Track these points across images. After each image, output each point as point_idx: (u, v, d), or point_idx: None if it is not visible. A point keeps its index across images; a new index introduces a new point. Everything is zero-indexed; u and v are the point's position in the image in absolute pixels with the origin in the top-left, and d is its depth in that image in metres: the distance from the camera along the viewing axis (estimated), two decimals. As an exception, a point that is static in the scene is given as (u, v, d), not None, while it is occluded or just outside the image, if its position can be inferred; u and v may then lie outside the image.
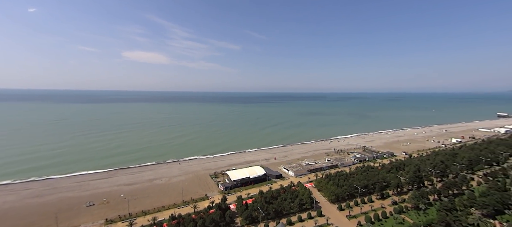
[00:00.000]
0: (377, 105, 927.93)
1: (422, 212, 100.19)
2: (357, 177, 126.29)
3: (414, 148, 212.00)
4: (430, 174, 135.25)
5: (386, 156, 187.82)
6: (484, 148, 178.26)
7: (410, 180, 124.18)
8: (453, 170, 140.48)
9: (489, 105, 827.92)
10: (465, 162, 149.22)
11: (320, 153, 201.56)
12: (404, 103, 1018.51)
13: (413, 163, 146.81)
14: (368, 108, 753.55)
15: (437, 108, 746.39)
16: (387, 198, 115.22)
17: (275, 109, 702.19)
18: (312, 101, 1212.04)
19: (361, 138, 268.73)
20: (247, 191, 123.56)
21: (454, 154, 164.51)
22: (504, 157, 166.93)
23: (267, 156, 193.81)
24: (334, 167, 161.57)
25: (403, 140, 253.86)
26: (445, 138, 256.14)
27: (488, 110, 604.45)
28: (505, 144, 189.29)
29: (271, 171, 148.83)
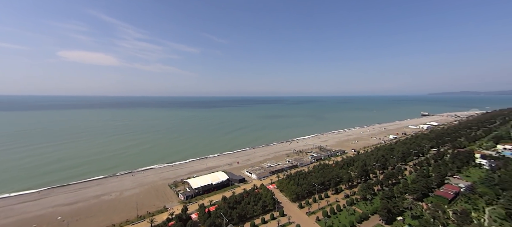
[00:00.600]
0: (330, 107, 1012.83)
1: (369, 202, 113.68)
2: (314, 175, 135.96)
3: (361, 145, 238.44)
4: (374, 168, 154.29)
5: (339, 153, 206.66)
6: (413, 142, 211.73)
7: (359, 174, 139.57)
8: (391, 162, 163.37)
9: (415, 106, 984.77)
10: (400, 155, 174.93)
11: (281, 154, 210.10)
12: (352, 105, 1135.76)
13: (360, 159, 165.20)
14: (323, 110, 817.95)
15: (378, 109, 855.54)
16: (341, 192, 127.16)
17: (238, 113, 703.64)
18: (273, 105, 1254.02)
19: (317, 139, 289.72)
20: (210, 198, 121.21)
21: (391, 149, 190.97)
22: (427, 149, 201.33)
23: (230, 160, 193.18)
24: (294, 167, 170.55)
25: (352, 138, 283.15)
26: (384, 135, 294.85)
27: (414, 110, 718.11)
28: (427, 138, 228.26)
29: (234, 176, 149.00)
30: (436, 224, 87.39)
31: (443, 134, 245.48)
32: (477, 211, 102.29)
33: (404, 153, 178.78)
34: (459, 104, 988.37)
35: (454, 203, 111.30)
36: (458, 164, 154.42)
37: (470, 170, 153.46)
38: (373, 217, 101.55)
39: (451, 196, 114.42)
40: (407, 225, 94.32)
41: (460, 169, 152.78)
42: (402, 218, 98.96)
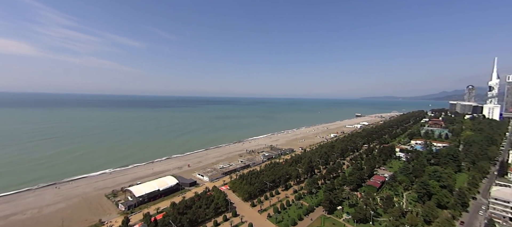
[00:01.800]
0: (280, 108, 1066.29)
1: (314, 195, 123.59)
2: (266, 174, 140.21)
3: (307, 144, 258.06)
4: (318, 163, 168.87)
5: (288, 152, 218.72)
6: (349, 140, 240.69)
7: (306, 171, 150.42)
8: (332, 158, 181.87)
9: (351, 108, 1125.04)
10: (339, 151, 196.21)
11: (234, 155, 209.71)
12: (299, 107, 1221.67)
13: (307, 156, 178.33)
14: (273, 111, 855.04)
15: (321, 110, 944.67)
16: (290, 188, 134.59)
17: (191, 114, 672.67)
18: (227, 105, 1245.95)
19: (269, 138, 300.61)
20: (157, 205, 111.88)
21: (332, 146, 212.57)
22: (360, 145, 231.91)
23: (180, 164, 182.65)
24: (247, 167, 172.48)
25: (300, 137, 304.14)
26: (327, 134, 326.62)
27: (350, 111, 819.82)
28: (360, 136, 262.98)
29: (185, 180, 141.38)
30: (367, 209, 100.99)
31: (372, 132, 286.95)
32: (398, 196, 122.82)
33: (343, 150, 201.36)
34: (384, 107, 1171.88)
35: (381, 190, 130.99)
36: (384, 157, 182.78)
37: (392, 162, 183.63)
38: (318, 208, 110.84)
39: (378, 185, 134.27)
40: (345, 213, 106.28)
41: (385, 161, 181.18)
42: (341, 207, 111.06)
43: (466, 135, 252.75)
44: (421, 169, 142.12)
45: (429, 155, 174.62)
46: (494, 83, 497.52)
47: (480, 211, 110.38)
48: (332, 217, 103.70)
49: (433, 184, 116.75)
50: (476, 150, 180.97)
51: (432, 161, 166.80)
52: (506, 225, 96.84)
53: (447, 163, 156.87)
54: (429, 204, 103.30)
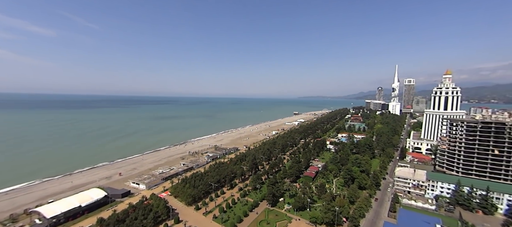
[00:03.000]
0: (224, 108, 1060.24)
1: (258, 191, 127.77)
2: (211, 175, 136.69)
3: (251, 142, 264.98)
4: (262, 160, 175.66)
5: (233, 151, 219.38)
6: (289, 136, 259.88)
7: (250, 168, 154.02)
8: (274, 154, 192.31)
9: (289, 106, 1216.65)
10: (280, 147, 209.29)
11: (175, 158, 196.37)
12: (243, 106, 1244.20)
13: (251, 153, 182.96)
14: (217, 111, 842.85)
15: (264, 109, 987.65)
16: (235, 187, 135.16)
17: (124, 115, 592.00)
18: (166, 105, 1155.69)
19: (213, 138, 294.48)
20: (79, 225, 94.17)
21: (274, 143, 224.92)
22: (298, 140, 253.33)
23: (109, 173, 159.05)
24: (190, 169, 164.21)
25: (244, 136, 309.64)
26: (269, 131, 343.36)
27: (289, 110, 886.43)
28: (298, 132, 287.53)
29: (116, 191, 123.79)
30: (305, 198, 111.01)
31: (308, 128, 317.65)
32: (329, 183, 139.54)
33: (283, 145, 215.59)
34: (316, 105, 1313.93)
35: (316, 179, 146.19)
36: (317, 150, 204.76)
37: (324, 154, 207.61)
38: (262, 203, 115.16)
39: (313, 175, 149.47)
40: (287, 203, 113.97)
41: (318, 153, 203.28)
42: (283, 199, 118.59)
43: (378, 127, 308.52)
44: (346, 158, 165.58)
45: (351, 146, 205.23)
46: (396, 85, 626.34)
47: (388, 188, 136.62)
48: (275, 209, 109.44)
49: (355, 170, 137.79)
50: (385, 139, 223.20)
51: (354, 151, 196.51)
52: (406, 196, 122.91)
53: (364, 151, 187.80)
54: (353, 187, 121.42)
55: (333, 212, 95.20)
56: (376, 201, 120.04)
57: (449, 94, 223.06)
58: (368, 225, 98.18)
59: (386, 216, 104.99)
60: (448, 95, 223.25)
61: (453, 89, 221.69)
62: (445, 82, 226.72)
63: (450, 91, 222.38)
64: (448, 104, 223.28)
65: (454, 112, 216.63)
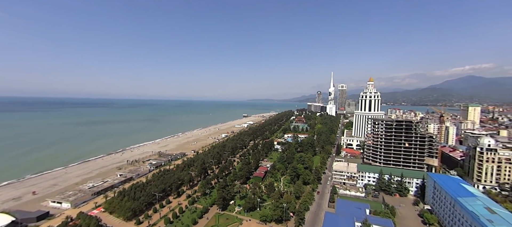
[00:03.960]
0: (169, 111, 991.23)
1: (208, 196, 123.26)
2: (154, 184, 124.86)
3: (200, 146, 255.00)
4: (211, 164, 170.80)
5: (179, 156, 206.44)
6: (239, 138, 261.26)
7: (199, 173, 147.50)
8: (224, 157, 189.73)
9: (239, 109, 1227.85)
10: (230, 150, 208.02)
11: (110, 168, 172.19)
12: (190, 109, 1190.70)
13: (200, 158, 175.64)
14: (161, 114, 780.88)
15: (213, 112, 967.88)
16: (183, 194, 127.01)
17: (44, 121, 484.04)
18: (98, 108, 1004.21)
19: (156, 144, 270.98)
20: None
21: (224, 145, 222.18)
22: (247, 142, 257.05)
23: (18, 193, 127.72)
24: (129, 180, 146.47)
25: (192, 140, 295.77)
26: (218, 135, 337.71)
27: (239, 112, 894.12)
28: (247, 134, 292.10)
29: (28, 214, 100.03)
30: (255, 198, 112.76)
31: (257, 130, 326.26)
32: (277, 181, 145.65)
33: (233, 148, 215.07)
34: (264, 108, 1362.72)
35: (265, 179, 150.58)
36: (266, 151, 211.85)
37: (272, 154, 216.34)
38: (212, 208, 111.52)
39: (263, 174, 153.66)
40: (237, 205, 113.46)
41: (267, 153, 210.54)
42: (234, 201, 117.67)
43: (318, 127, 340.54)
44: (291, 156, 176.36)
45: (296, 145, 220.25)
46: (332, 90, 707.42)
47: (327, 181, 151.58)
48: (226, 213, 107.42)
49: (300, 167, 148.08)
50: (324, 138, 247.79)
51: (298, 149, 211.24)
52: (342, 187, 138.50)
53: (307, 149, 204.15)
54: (298, 183, 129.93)
55: (281, 208, 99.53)
56: (318, 194, 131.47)
57: (372, 98, 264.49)
58: (312, 217, 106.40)
59: (326, 207, 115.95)
60: (371, 99, 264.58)
61: (375, 94, 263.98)
62: (369, 88, 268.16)
63: (373, 95, 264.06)
64: (371, 106, 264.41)
65: (376, 113, 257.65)
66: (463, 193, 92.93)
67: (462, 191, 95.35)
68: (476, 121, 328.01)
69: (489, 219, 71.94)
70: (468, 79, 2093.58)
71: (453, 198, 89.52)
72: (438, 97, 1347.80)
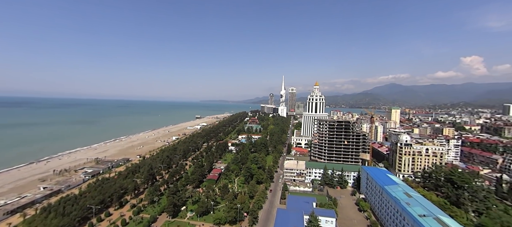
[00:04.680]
0: (108, 112, 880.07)
1: (156, 204, 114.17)
2: (90, 195, 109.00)
3: (146, 150, 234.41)
4: (160, 169, 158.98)
5: (122, 163, 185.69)
6: (191, 141, 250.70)
7: (145, 180, 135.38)
8: (175, 161, 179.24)
9: (191, 110, 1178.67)
10: (181, 153, 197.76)
11: (29, 181, 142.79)
12: (135, 110, 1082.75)
13: (146, 163, 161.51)
14: (98, 116, 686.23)
15: (162, 113, 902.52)
16: (126, 204, 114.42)
17: None
18: (13, 109, 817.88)
19: (93, 150, 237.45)
20: None
21: (174, 149, 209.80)
22: (200, 144, 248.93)
23: None
24: (57, 193, 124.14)
25: (137, 144, 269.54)
26: (168, 137, 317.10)
27: (191, 114, 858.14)
28: (200, 136, 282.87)
29: None
30: (208, 201, 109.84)
31: (210, 132, 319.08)
32: (231, 183, 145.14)
33: (185, 151, 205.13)
34: (218, 109, 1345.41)
35: (219, 181, 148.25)
36: (220, 152, 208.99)
37: (227, 155, 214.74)
38: (161, 216, 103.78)
39: (217, 177, 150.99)
40: (189, 211, 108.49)
41: (221, 155, 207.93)
42: (185, 207, 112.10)
43: (271, 128, 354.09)
44: (245, 157, 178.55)
45: (250, 146, 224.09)
46: (283, 92, 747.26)
47: (279, 179, 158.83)
48: (177, 220, 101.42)
49: (253, 167, 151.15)
50: (276, 138, 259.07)
51: (252, 150, 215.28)
52: (292, 184, 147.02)
53: (261, 149, 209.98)
54: (252, 183, 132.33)
55: (236, 209, 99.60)
56: (271, 192, 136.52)
57: (318, 101, 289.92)
58: (265, 214, 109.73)
59: (278, 204, 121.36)
60: (317, 101, 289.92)
61: (320, 97, 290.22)
62: (315, 92, 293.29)
63: (318, 98, 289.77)
64: (317, 108, 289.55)
65: (321, 114, 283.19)
66: (388, 182, 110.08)
67: (387, 180, 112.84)
68: (397, 121, 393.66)
69: (407, 202, 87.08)
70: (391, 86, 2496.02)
71: (381, 186, 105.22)
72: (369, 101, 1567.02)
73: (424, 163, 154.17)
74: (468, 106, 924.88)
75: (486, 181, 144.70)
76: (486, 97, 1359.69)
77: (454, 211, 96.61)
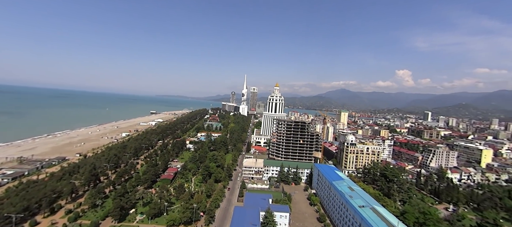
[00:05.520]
0: (39, 102, 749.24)
1: (99, 208, 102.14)
2: (9, 202, 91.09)
3: (89, 148, 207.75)
4: (106, 169, 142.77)
5: (56, 162, 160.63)
6: (144, 138, 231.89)
7: (86, 181, 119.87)
8: (124, 159, 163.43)
9: (145, 105, 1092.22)
10: (132, 151, 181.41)
11: None
12: (75, 101, 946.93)
13: (88, 163, 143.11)
14: (24, 106, 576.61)
15: (111, 107, 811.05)
16: (60, 210, 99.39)
17: None
18: None
19: (15, 147, 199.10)
20: None
21: (124, 146, 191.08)
22: (155, 141, 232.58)
23: None
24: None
25: (77, 141, 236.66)
26: (117, 134, 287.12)
27: (145, 108, 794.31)
28: (155, 133, 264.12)
29: None
30: (162, 202, 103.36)
31: (167, 129, 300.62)
32: (188, 182, 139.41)
33: (136, 149, 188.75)
34: (176, 105, 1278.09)
35: (175, 181, 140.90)
36: (177, 150, 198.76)
37: (184, 153, 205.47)
38: (105, 221, 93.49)
39: (172, 176, 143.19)
40: (139, 213, 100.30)
41: (178, 153, 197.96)
42: (135, 209, 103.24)
43: (231, 126, 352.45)
44: (204, 155, 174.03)
45: (209, 144, 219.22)
46: (245, 91, 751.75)
47: (238, 177, 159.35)
48: (123, 224, 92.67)
49: (212, 165, 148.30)
50: (236, 136, 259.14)
51: (211, 148, 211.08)
52: (250, 181, 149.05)
53: (220, 148, 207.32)
54: (210, 181, 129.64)
55: (191, 209, 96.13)
56: (229, 190, 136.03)
57: (277, 101, 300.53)
58: (222, 213, 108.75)
59: (236, 202, 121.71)
60: (277, 102, 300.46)
61: (280, 98, 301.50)
62: (275, 92, 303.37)
63: (278, 99, 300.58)
64: (277, 108, 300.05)
65: (280, 115, 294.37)
66: (335, 177, 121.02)
67: (335, 176, 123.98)
68: (345, 123, 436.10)
69: (350, 195, 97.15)
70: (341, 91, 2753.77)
71: (329, 182, 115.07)
72: (323, 104, 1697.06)
73: (365, 160, 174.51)
74: (399, 112, 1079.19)
75: (409, 175, 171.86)
76: (413, 105, 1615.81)
77: (385, 201, 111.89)
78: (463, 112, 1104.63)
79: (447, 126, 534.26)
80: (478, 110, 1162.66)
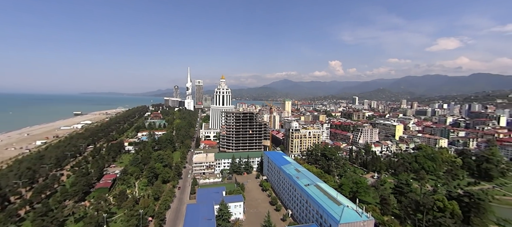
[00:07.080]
0: None
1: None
2: None
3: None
4: (18, 186, 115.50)
5: None
6: (68, 144, 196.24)
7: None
8: (43, 172, 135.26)
9: (66, 105, 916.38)
10: (53, 161, 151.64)
11: None
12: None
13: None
14: None
15: (16, 110, 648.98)
16: None
17: None
18: None
19: None
20: None
21: (41, 157, 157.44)
22: (84, 147, 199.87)
23: None
24: None
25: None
26: (28, 143, 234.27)
27: (66, 109, 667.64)
28: (83, 137, 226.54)
29: None
30: (99, 214, 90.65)
31: (98, 131, 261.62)
32: (130, 187, 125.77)
33: (59, 158, 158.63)
34: (108, 103, 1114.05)
35: (114, 188, 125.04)
36: (113, 155, 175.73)
37: (123, 157, 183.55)
38: (22, 250, 76.22)
39: (110, 183, 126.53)
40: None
41: (115, 158, 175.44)
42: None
43: (177, 122, 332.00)
44: (148, 156, 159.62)
45: (153, 143, 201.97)
46: (189, 85, 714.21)
47: (188, 174, 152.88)
48: (49, 249, 77.53)
49: (158, 166, 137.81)
50: (183, 132, 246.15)
51: (156, 148, 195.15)
52: (202, 177, 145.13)
53: (166, 146, 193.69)
54: (157, 183, 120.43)
55: (137, 216, 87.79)
56: (179, 190, 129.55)
57: (224, 94, 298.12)
58: (173, 214, 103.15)
59: (188, 199, 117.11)
60: (224, 94, 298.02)
61: (227, 90, 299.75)
62: (222, 85, 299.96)
63: (225, 91, 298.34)
64: (224, 101, 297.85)
65: (228, 107, 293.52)
66: (283, 162, 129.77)
67: (283, 161, 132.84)
68: (289, 111, 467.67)
69: (297, 176, 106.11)
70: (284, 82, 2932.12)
71: (278, 167, 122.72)
72: (269, 94, 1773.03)
73: (308, 143, 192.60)
74: (333, 98, 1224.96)
75: (344, 152, 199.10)
76: (344, 91, 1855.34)
77: (326, 178, 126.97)
78: (381, 96, 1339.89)
79: (370, 108, 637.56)
80: (391, 93, 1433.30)
